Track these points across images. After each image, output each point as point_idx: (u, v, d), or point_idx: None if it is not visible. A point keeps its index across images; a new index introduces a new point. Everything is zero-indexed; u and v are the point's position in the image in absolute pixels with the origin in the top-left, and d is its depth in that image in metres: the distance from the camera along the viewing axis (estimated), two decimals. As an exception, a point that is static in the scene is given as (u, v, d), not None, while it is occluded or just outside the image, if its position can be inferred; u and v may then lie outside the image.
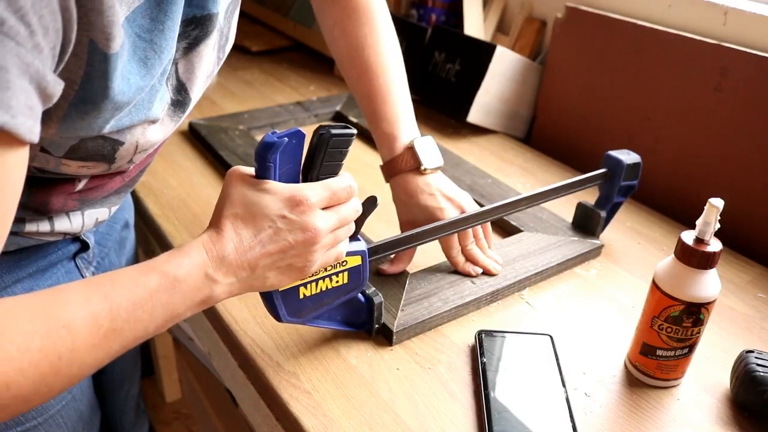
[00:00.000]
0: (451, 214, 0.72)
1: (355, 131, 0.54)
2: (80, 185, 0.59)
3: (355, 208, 0.56)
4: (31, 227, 0.59)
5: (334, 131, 0.53)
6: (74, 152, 0.51)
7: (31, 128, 0.36)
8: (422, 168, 0.73)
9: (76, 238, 0.70)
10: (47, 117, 0.43)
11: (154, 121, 0.53)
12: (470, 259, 0.74)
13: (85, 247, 0.72)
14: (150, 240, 0.92)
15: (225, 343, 0.71)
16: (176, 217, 0.87)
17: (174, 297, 0.47)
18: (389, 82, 0.75)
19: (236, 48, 1.49)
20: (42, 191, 0.57)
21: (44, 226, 0.61)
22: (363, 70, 0.75)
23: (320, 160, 0.53)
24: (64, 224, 0.62)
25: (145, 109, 0.51)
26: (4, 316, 0.39)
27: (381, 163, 0.77)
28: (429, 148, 0.74)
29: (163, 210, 0.88)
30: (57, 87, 0.39)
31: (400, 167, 0.74)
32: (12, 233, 0.58)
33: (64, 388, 0.43)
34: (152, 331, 0.47)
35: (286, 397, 0.60)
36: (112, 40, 0.42)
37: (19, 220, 0.58)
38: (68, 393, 0.71)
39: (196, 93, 0.59)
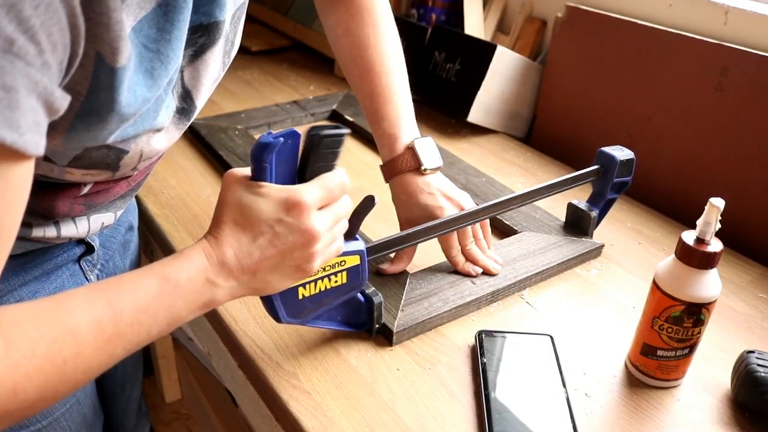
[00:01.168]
0: (450, 213, 0.72)
1: (347, 131, 0.53)
2: (85, 189, 0.59)
3: (347, 205, 0.56)
4: (37, 232, 0.60)
5: (325, 132, 0.52)
6: (78, 161, 0.51)
7: (37, 143, 0.37)
8: (422, 168, 0.73)
9: (81, 240, 0.70)
10: (52, 129, 0.43)
11: (159, 130, 0.53)
12: (470, 259, 0.74)
13: (90, 249, 0.72)
14: (150, 240, 0.92)
15: (225, 344, 0.71)
16: (176, 216, 0.87)
17: (176, 301, 0.47)
18: (391, 82, 0.75)
19: (236, 48, 1.49)
20: (47, 196, 0.57)
21: (51, 231, 0.61)
22: (365, 70, 0.75)
23: (312, 162, 0.53)
24: (70, 229, 0.62)
25: (150, 119, 0.51)
26: (9, 324, 0.39)
27: (381, 163, 0.77)
28: (429, 148, 0.74)
29: (163, 210, 0.88)
30: (63, 102, 0.39)
31: (400, 167, 0.74)
32: (19, 238, 0.58)
33: (69, 392, 0.44)
34: (155, 334, 0.47)
35: (286, 397, 0.60)
36: (118, 54, 0.42)
37: (25, 224, 0.58)
38: (72, 396, 0.70)
39: (201, 100, 0.59)
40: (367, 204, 0.59)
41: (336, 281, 0.60)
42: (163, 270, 0.47)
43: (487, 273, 0.74)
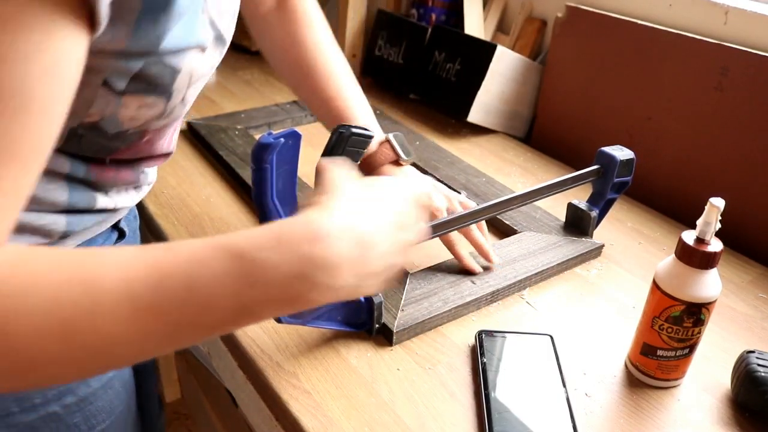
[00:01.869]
0: (435, 198, 0.73)
1: (373, 134, 0.55)
2: (133, 144, 0.58)
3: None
4: (101, 203, 0.60)
5: (354, 130, 0.53)
6: (136, 82, 0.49)
7: (102, 12, 0.36)
8: (401, 160, 0.77)
9: (115, 226, 0.70)
10: (116, 28, 0.42)
11: (203, 49, 0.53)
12: (472, 241, 0.75)
13: (121, 235, 0.72)
14: (150, 240, 0.92)
15: (225, 343, 0.71)
16: (176, 216, 0.87)
17: (254, 290, 0.36)
18: (350, 84, 0.80)
19: (236, 48, 1.48)
20: (107, 167, 0.57)
21: (110, 203, 0.61)
22: (326, 77, 0.79)
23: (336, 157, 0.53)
24: (123, 198, 0.63)
25: (191, 31, 0.50)
26: (26, 259, 0.34)
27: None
28: (403, 141, 0.78)
29: (163, 210, 0.88)
30: None
31: (380, 160, 0.77)
32: (84, 210, 0.58)
33: (73, 360, 0.35)
34: (212, 324, 0.36)
35: (286, 397, 0.60)
36: None
37: (93, 189, 0.58)
38: (124, 391, 0.70)
39: (226, 32, 0.58)
40: None
41: (336, 281, 0.60)
42: (244, 242, 0.37)
43: (486, 261, 0.75)
